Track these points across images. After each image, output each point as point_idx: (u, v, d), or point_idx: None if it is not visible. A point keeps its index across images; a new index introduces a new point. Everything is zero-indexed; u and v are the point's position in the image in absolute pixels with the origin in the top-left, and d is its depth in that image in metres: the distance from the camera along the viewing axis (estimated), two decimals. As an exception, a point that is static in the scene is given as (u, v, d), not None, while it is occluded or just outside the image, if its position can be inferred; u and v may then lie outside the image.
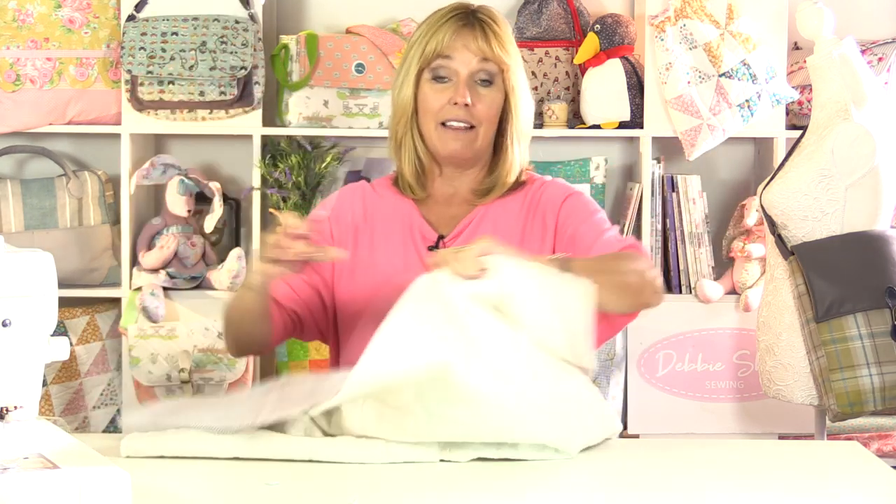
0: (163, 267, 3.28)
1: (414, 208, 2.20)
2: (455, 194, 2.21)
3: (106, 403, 3.34)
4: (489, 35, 2.13)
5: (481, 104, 2.13)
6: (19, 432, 1.58)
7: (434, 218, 2.20)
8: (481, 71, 2.13)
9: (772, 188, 2.97)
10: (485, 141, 2.15)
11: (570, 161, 3.43)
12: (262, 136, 3.33)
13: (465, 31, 2.13)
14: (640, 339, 3.35)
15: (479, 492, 1.75)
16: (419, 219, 2.19)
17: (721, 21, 3.31)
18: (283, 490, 1.73)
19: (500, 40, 2.14)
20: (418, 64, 2.14)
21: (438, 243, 2.17)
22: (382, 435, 1.83)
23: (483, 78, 2.13)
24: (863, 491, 1.77)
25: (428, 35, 2.14)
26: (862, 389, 2.83)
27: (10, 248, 1.57)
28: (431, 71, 2.13)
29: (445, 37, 2.12)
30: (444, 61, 2.13)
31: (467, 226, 2.18)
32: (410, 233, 2.18)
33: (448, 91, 2.12)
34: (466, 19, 2.15)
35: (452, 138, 2.13)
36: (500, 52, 2.13)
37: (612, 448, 1.97)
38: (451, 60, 2.12)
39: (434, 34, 2.13)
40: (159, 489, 1.73)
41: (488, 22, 2.15)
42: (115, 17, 3.32)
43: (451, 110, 2.12)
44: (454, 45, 2.12)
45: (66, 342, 1.61)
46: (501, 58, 2.13)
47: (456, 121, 2.12)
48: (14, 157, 3.49)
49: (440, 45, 2.12)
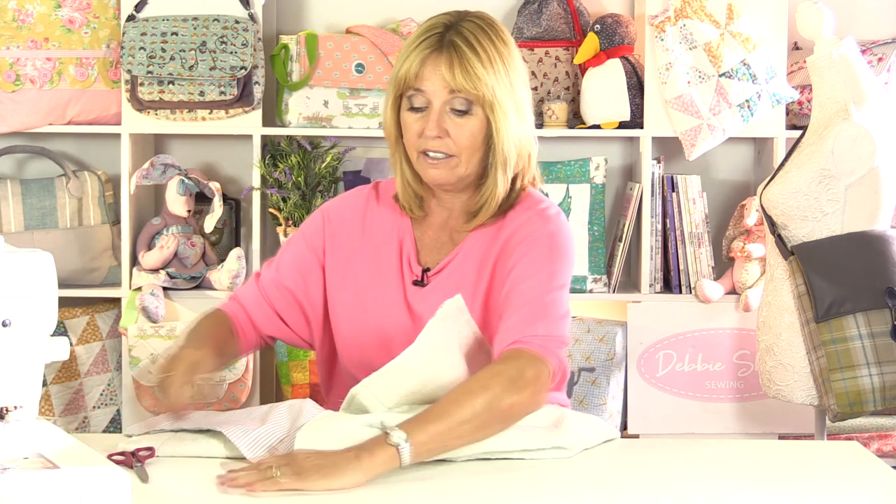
0: (163, 267, 3.28)
1: (409, 231, 2.14)
2: (450, 217, 2.14)
3: (106, 403, 3.34)
4: (459, 63, 1.98)
5: (457, 134, 2.01)
6: (19, 432, 1.58)
7: (427, 242, 2.14)
8: (454, 100, 2.00)
9: (772, 188, 2.97)
10: (468, 167, 2.05)
11: (570, 161, 3.43)
12: (261, 136, 3.33)
13: (434, 59, 2.00)
14: (640, 339, 3.35)
15: (479, 492, 1.74)
16: (411, 246, 2.13)
17: (721, 21, 3.31)
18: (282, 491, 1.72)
19: (470, 67, 1.98)
20: (394, 91, 2.05)
21: (423, 278, 2.11)
22: None
23: (457, 108, 2.00)
24: (863, 491, 1.77)
25: (401, 61, 2.03)
26: (862, 389, 2.83)
27: (10, 248, 1.57)
28: (408, 99, 2.03)
29: (413, 66, 2.00)
30: (415, 91, 2.01)
31: (451, 260, 2.10)
32: (399, 263, 2.13)
33: (423, 121, 2.02)
34: (438, 44, 2.00)
35: (431, 167, 2.04)
36: (470, 81, 1.98)
37: (612, 448, 1.98)
38: (422, 91, 2.01)
39: (405, 60, 2.01)
40: (159, 489, 1.73)
41: (459, 47, 1.99)
42: (115, 17, 3.32)
43: (427, 141, 2.02)
44: (423, 75, 2.00)
45: (66, 342, 1.61)
46: (471, 88, 1.98)
47: (433, 151, 2.03)
48: (14, 157, 3.49)
49: (409, 75, 2.01)
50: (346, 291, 2.15)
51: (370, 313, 2.12)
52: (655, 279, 3.37)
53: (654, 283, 3.37)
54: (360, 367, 2.07)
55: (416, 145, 2.04)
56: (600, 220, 3.39)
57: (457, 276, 2.08)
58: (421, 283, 2.10)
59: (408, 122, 2.04)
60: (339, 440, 1.81)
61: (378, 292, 2.13)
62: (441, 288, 2.07)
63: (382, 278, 2.13)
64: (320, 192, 3.34)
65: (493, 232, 2.09)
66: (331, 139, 3.38)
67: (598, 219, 3.39)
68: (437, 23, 2.04)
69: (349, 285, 2.15)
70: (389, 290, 2.12)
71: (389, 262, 2.14)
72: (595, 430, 1.99)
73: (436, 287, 2.09)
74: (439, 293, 2.05)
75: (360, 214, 2.19)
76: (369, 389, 1.91)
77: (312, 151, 3.34)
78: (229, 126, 3.31)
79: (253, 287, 2.22)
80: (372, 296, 2.13)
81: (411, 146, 2.06)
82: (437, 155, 2.03)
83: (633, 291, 3.41)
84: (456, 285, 2.06)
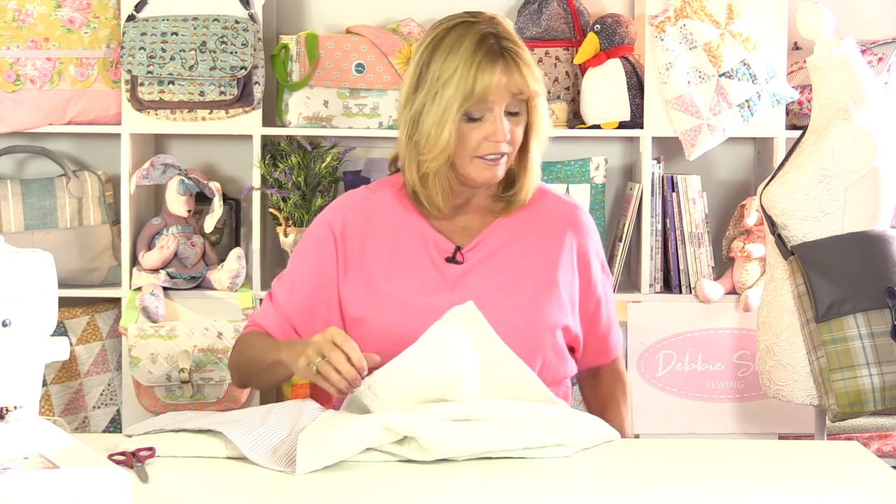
0: (163, 267, 3.27)
1: (423, 221, 2.20)
2: (465, 205, 2.21)
3: (106, 403, 3.34)
4: (520, 68, 2.10)
5: (515, 134, 2.14)
6: (19, 432, 1.58)
7: (446, 229, 2.20)
8: (513, 104, 2.11)
9: (772, 188, 2.97)
10: (511, 161, 2.17)
11: (570, 161, 3.43)
12: (261, 136, 3.33)
13: (501, 69, 2.08)
14: (640, 339, 3.35)
15: (478, 492, 1.75)
16: (431, 231, 2.19)
17: (721, 21, 3.31)
18: (281, 490, 1.73)
19: (529, 70, 2.11)
20: (460, 106, 2.09)
21: (455, 255, 2.17)
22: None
23: (513, 111, 2.12)
24: (863, 491, 1.77)
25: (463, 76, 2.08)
26: (862, 389, 2.83)
27: (10, 248, 1.57)
28: (466, 111, 2.10)
29: (484, 81, 2.07)
30: (488, 103, 2.10)
31: (486, 237, 2.19)
32: (424, 246, 2.17)
33: (484, 129, 2.10)
34: (499, 54, 2.09)
35: (490, 168, 2.13)
36: (532, 83, 2.11)
37: (612, 448, 1.98)
38: (486, 101, 2.09)
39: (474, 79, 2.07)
40: (159, 489, 1.73)
41: (517, 52, 2.11)
42: (115, 17, 3.32)
43: (488, 146, 2.11)
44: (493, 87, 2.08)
45: (66, 342, 1.61)
46: (534, 89, 2.12)
47: (493, 154, 2.12)
48: (14, 157, 3.49)
49: (481, 90, 2.07)
50: (371, 286, 2.17)
51: (407, 295, 2.15)
52: (655, 279, 3.37)
53: (654, 283, 3.37)
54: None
55: (475, 151, 2.12)
56: (600, 221, 3.40)
57: (494, 247, 2.19)
58: (453, 259, 2.18)
59: (465, 133, 2.11)
60: (341, 440, 1.81)
61: (409, 276, 2.17)
62: (482, 262, 2.18)
63: (408, 264, 2.16)
64: (320, 192, 3.34)
65: (524, 216, 2.23)
66: (331, 139, 3.38)
67: (598, 219, 3.39)
68: (481, 32, 2.11)
69: (375, 275, 2.16)
70: (421, 271, 2.16)
71: (412, 249, 2.18)
72: (596, 431, 2.00)
73: (475, 263, 2.18)
74: (480, 267, 2.17)
75: (363, 211, 2.21)
76: (371, 389, 1.92)
77: (312, 151, 3.34)
78: (229, 126, 3.30)
79: (271, 310, 2.23)
80: (401, 280, 2.16)
81: (466, 153, 2.12)
82: (494, 157, 2.13)
83: (633, 291, 3.41)
84: (496, 256, 2.18)
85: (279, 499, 1.70)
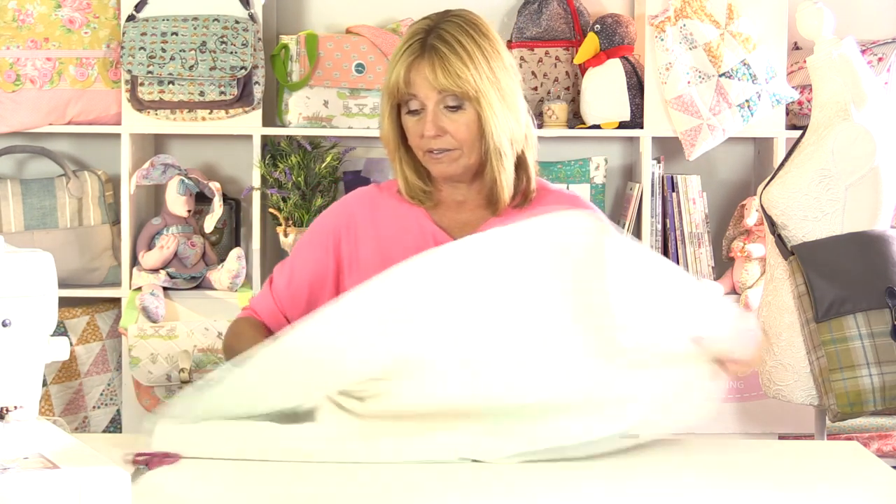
0: (163, 267, 3.28)
1: (425, 215, 2.21)
2: (465, 201, 2.22)
3: (106, 403, 3.34)
4: (440, 65, 2.08)
5: (454, 129, 2.11)
6: (19, 432, 1.58)
7: (446, 223, 2.21)
8: (445, 99, 2.09)
9: (772, 188, 2.97)
10: (471, 157, 2.14)
11: (570, 161, 3.43)
12: (261, 136, 3.33)
13: (418, 65, 2.09)
14: (640, 339, 3.34)
15: (479, 492, 1.75)
16: (431, 225, 2.20)
17: (721, 21, 3.31)
18: (296, 490, 1.73)
19: (451, 67, 2.08)
20: (389, 100, 2.15)
21: None
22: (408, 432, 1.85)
23: (450, 105, 2.10)
24: (863, 491, 1.77)
25: (390, 71, 2.14)
26: (862, 389, 2.83)
27: (10, 248, 1.57)
28: (405, 104, 2.13)
29: (401, 74, 2.10)
30: (409, 96, 2.12)
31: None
32: (424, 239, 2.18)
33: (421, 123, 2.12)
34: (420, 50, 2.10)
35: (437, 162, 2.14)
36: (452, 80, 2.08)
37: (612, 448, 1.97)
38: (415, 95, 2.11)
39: (394, 69, 2.12)
40: (160, 489, 1.73)
41: (439, 49, 2.09)
42: (115, 17, 3.32)
43: (428, 141, 2.12)
44: (412, 81, 2.10)
45: (66, 342, 1.61)
46: (454, 86, 2.08)
47: (436, 149, 2.12)
48: (14, 157, 3.49)
49: (399, 83, 2.11)
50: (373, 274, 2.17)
51: None
52: (655, 279, 3.37)
53: (654, 283, 3.37)
54: None
55: (420, 146, 2.14)
56: (600, 220, 3.39)
57: None
58: None
59: (409, 126, 2.14)
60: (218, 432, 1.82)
61: None
62: None
63: (409, 256, 2.15)
64: (320, 192, 3.34)
65: (518, 211, 2.18)
66: (331, 139, 3.38)
67: (598, 219, 3.38)
68: (419, 29, 2.14)
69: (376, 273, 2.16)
70: None
71: (415, 243, 2.17)
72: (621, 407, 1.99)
73: None
74: None
75: (370, 207, 2.23)
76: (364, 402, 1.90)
77: (312, 151, 3.34)
78: (229, 126, 3.30)
79: (267, 296, 2.23)
80: None
81: (416, 147, 2.15)
82: (439, 152, 2.12)
83: (633, 291, 3.40)
84: None
85: (279, 499, 1.69)
